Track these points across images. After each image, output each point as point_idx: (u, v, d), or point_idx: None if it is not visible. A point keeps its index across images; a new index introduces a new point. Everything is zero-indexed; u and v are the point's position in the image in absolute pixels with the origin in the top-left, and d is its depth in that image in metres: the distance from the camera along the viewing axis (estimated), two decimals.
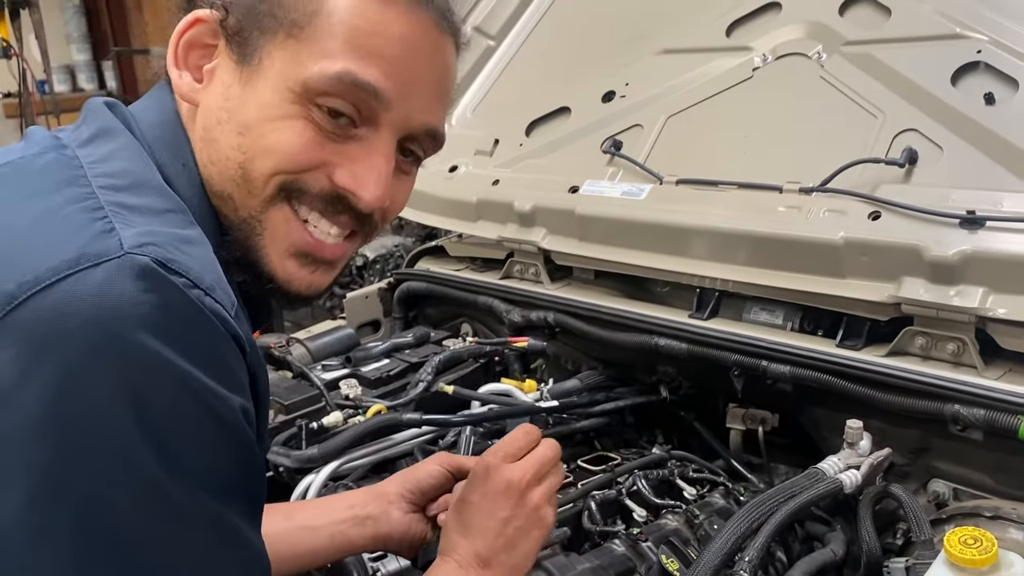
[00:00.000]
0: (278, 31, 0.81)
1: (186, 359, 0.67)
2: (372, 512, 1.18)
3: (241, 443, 0.73)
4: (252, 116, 0.81)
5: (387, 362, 1.89)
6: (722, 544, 1.12)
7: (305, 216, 0.85)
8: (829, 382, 1.44)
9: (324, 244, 0.87)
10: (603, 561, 1.36)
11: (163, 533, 0.67)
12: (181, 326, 0.67)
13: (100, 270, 0.65)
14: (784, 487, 1.25)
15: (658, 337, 1.66)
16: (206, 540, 0.70)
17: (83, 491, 0.64)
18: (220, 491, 0.70)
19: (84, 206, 0.71)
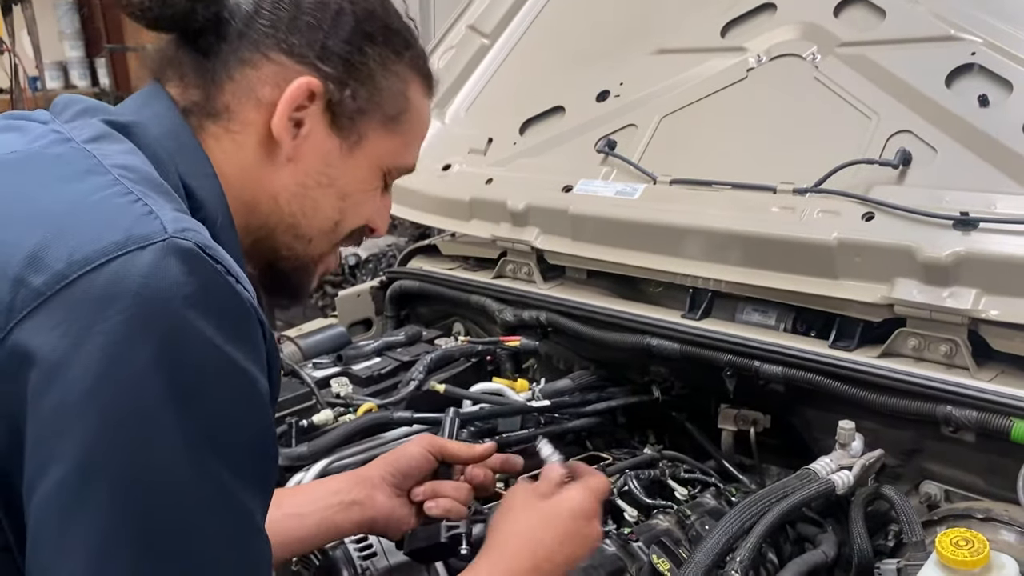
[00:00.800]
0: (374, 116, 0.93)
1: (226, 339, 0.70)
2: (357, 497, 1.19)
3: (268, 427, 0.77)
4: (352, 187, 0.95)
5: (378, 360, 1.88)
6: (713, 544, 1.12)
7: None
8: (821, 383, 1.44)
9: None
10: (594, 561, 1.35)
11: (186, 507, 0.69)
12: (222, 308, 0.71)
13: (148, 252, 0.69)
14: (775, 488, 1.24)
15: (650, 337, 1.65)
16: (224, 518, 0.72)
17: (120, 465, 0.66)
18: (243, 473, 0.72)
19: (115, 191, 0.74)
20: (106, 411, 0.66)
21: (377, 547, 1.26)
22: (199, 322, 0.68)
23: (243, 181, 0.90)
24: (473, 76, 2.27)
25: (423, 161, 1.04)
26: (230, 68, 0.89)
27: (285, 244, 0.94)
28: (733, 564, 1.11)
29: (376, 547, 1.26)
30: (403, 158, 0.99)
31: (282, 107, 0.88)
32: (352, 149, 0.93)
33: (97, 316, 0.66)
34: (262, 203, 0.92)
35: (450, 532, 1.16)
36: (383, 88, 0.93)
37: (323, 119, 0.91)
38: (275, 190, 0.91)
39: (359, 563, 1.24)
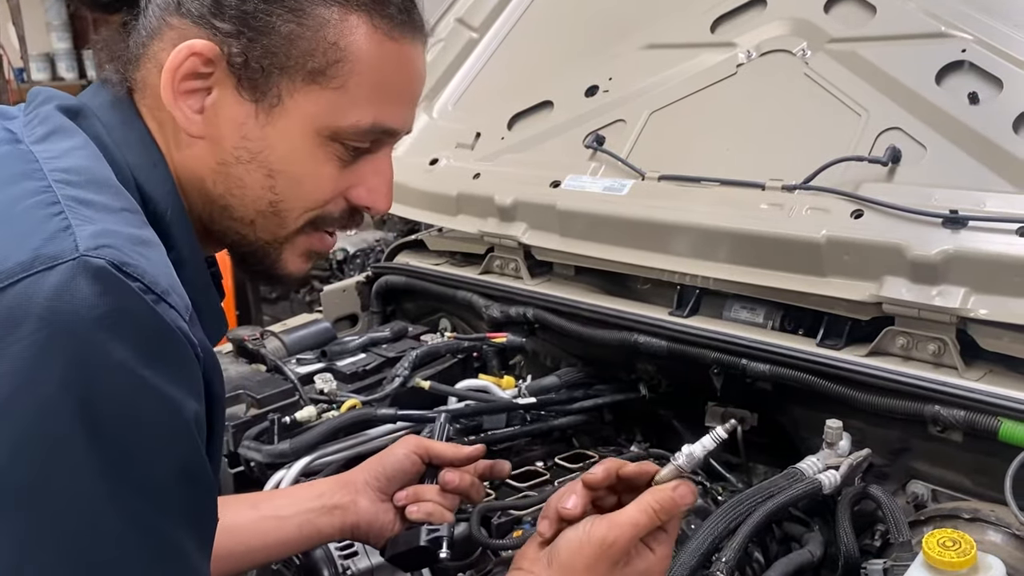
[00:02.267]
0: (296, 73, 0.82)
1: (141, 362, 0.66)
2: (339, 501, 1.16)
3: (195, 454, 0.71)
4: (281, 158, 0.83)
5: (363, 357, 1.86)
6: (699, 544, 1.11)
7: (327, 230, 0.93)
8: (809, 381, 1.43)
9: (331, 243, 0.94)
10: None
11: (103, 545, 0.65)
12: (136, 329, 0.67)
13: (55, 272, 0.65)
14: (762, 487, 1.23)
15: (638, 334, 1.64)
16: (141, 555, 0.67)
17: (31, 494, 0.63)
18: (167, 505, 0.68)
19: (40, 200, 0.70)
20: (14, 436, 0.63)
21: (359, 546, 1.24)
22: (110, 344, 0.65)
23: (173, 161, 0.84)
24: (461, 70, 2.25)
25: (410, 155, 1.00)
26: (141, 41, 0.84)
27: (230, 228, 0.87)
28: (719, 564, 1.10)
29: (357, 546, 1.24)
30: (350, 116, 0.83)
31: (165, 77, 0.80)
32: (270, 115, 0.82)
33: (3, 339, 0.63)
34: (193, 186, 0.85)
35: (430, 536, 1.13)
36: (297, 37, 0.80)
37: (229, 85, 0.81)
38: (197, 170, 0.84)
39: (340, 563, 1.22)
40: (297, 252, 0.90)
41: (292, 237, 0.88)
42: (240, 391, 1.65)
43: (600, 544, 0.88)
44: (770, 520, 1.20)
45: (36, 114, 0.81)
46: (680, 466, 0.97)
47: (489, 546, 1.31)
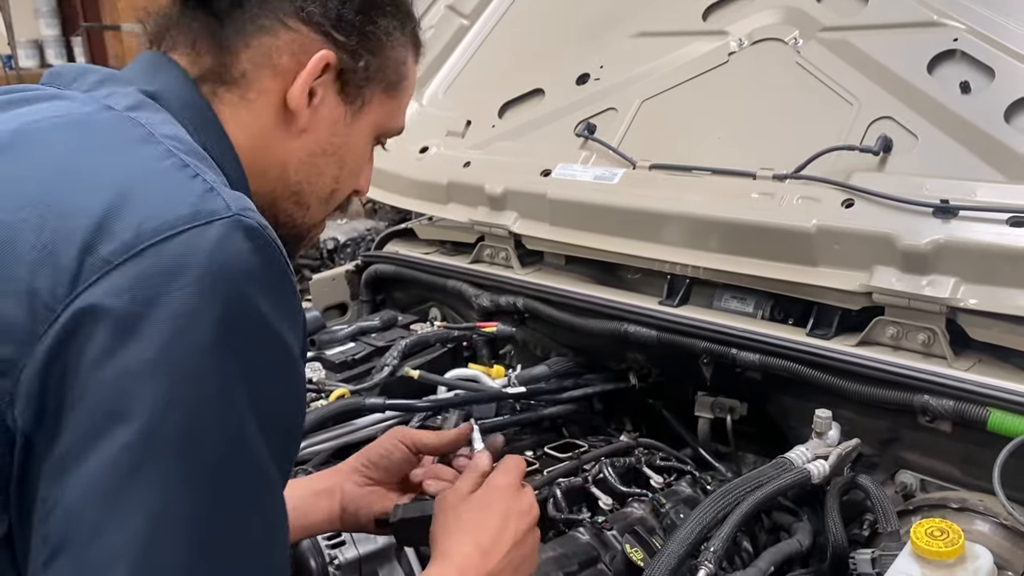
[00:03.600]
0: (378, 85, 0.94)
1: (278, 317, 0.72)
2: (327, 486, 1.17)
3: (303, 406, 0.82)
4: (351, 155, 0.95)
5: (352, 346, 1.85)
6: (687, 534, 1.10)
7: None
8: (798, 371, 1.43)
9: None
10: (567, 549, 1.33)
11: (241, 480, 0.70)
12: (277, 286, 0.73)
13: (215, 227, 0.70)
14: (751, 477, 1.23)
15: (628, 324, 1.63)
16: (261, 492, 0.73)
17: (182, 434, 0.67)
18: (275, 449, 0.73)
19: (173, 163, 0.75)
20: (174, 378, 0.66)
21: (346, 536, 1.24)
22: (258, 298, 0.70)
23: (255, 150, 0.89)
24: (452, 57, 2.23)
25: (400, 143, 1.03)
26: (247, 34, 0.87)
27: (285, 212, 0.94)
28: (707, 554, 1.09)
29: (345, 536, 1.24)
30: (396, 121, 1.00)
31: (303, 79, 0.88)
32: (356, 116, 0.93)
33: (166, 286, 0.67)
34: (271, 171, 0.91)
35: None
36: (390, 58, 0.94)
37: (333, 88, 0.91)
38: (285, 159, 0.91)
39: (327, 552, 1.22)
40: (314, 237, 1.00)
41: (322, 223, 0.99)
42: None
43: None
44: (759, 510, 1.20)
45: (112, 89, 0.84)
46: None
47: None
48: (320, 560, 1.21)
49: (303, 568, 1.20)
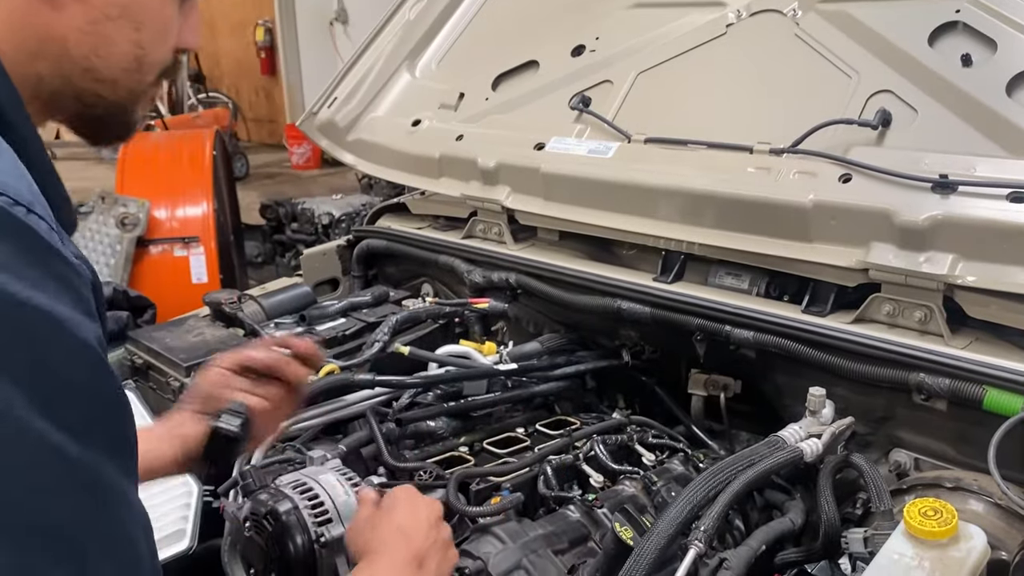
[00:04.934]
0: None
1: (23, 283, 0.58)
2: (168, 429, 1.15)
3: (99, 372, 0.64)
4: (149, 14, 0.80)
5: (343, 321, 1.83)
6: (677, 513, 1.09)
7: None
8: (793, 348, 1.41)
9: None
10: (556, 527, 1.32)
11: (21, 478, 0.57)
12: (36, 263, 0.60)
13: None
14: (743, 455, 1.21)
15: (621, 300, 1.61)
16: (72, 494, 0.59)
17: None
18: (83, 432, 0.60)
19: None
20: None
21: (332, 514, 1.22)
22: (6, 283, 0.57)
23: (22, 28, 0.76)
24: (445, 28, 2.19)
25: (392, 116, 0.97)
26: None
27: (87, 91, 0.81)
28: (697, 533, 1.08)
29: (332, 513, 1.22)
30: None
31: None
32: None
33: None
34: (48, 51, 0.78)
35: (221, 419, 1.11)
36: None
37: None
38: (61, 33, 0.77)
39: (314, 529, 1.20)
40: (144, 107, 0.86)
41: (147, 91, 0.84)
42: (215, 355, 1.61)
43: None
44: (751, 489, 1.19)
45: None
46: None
47: (466, 514, 1.29)
48: (306, 538, 1.19)
49: (288, 545, 1.18)
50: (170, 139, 4.84)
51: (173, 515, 1.51)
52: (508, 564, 1.22)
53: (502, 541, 1.25)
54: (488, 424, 1.61)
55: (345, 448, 1.45)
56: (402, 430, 1.54)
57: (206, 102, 8.29)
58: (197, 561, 1.45)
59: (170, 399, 1.63)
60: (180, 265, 3.87)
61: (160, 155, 4.24)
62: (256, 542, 1.22)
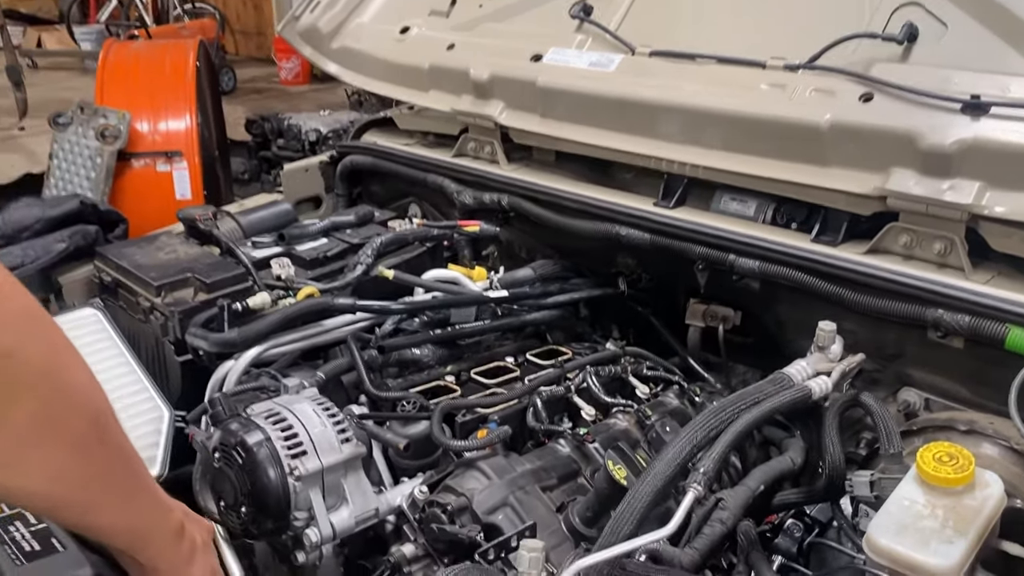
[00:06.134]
0: None
1: None
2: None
3: None
4: None
5: (325, 242, 1.73)
6: (676, 453, 1.01)
7: None
8: (801, 279, 1.33)
9: None
10: (545, 462, 1.26)
11: None
12: None
13: None
14: (747, 393, 1.14)
15: (620, 226, 1.52)
16: None
17: None
18: None
19: None
20: None
21: (307, 445, 1.15)
22: None
23: None
24: None
25: (378, 22, 0.87)
26: None
27: None
28: (696, 475, 1.01)
29: (306, 445, 1.15)
30: None
31: None
32: None
33: None
34: None
35: None
36: None
37: None
38: None
39: (288, 462, 1.13)
40: None
41: None
42: (188, 274, 1.53)
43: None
44: (753, 429, 1.11)
45: None
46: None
47: (450, 447, 1.22)
48: (278, 471, 1.12)
49: (260, 478, 1.11)
50: (152, 48, 4.63)
51: (144, 440, 1.44)
52: (493, 501, 1.16)
53: (488, 477, 1.18)
54: (476, 353, 1.54)
55: (324, 376, 1.38)
56: (385, 358, 1.47)
57: (192, 12, 7.98)
58: (168, 489, 1.39)
59: (140, 319, 1.55)
60: (163, 181, 3.73)
61: (141, 65, 4.05)
62: (226, 474, 1.15)
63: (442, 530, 1.12)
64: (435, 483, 1.22)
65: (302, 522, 1.14)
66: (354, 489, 1.18)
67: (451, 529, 1.12)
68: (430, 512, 1.15)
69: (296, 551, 1.16)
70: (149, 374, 1.46)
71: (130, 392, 1.46)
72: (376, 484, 1.33)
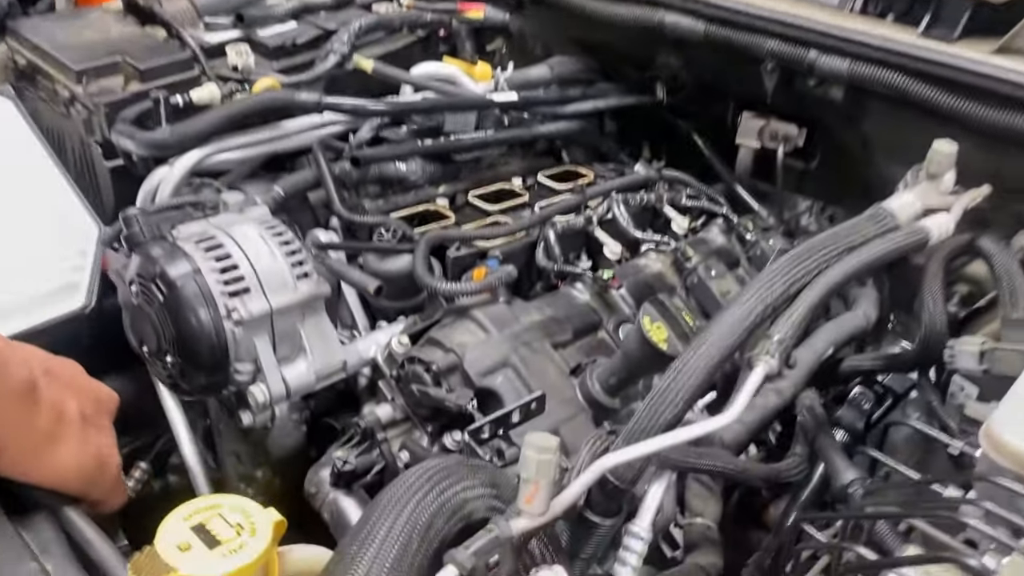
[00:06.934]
0: None
1: None
2: None
3: None
4: None
5: (294, 26, 1.44)
6: (743, 313, 0.74)
7: None
8: (904, 86, 1.07)
9: None
10: (557, 311, 1.02)
11: None
12: None
13: None
14: (839, 233, 0.85)
15: (666, 12, 1.25)
16: None
17: None
18: None
19: None
20: None
21: (251, 280, 0.88)
22: None
23: None
24: None
25: None
26: None
27: None
28: (768, 344, 0.74)
29: (249, 280, 0.88)
30: None
31: None
32: None
33: None
34: None
35: None
36: None
37: None
38: None
39: (223, 301, 0.87)
40: None
41: None
42: (118, 58, 1.23)
43: None
44: (848, 283, 0.83)
45: None
46: None
47: (438, 290, 0.96)
48: (211, 313, 0.86)
49: (187, 320, 0.86)
50: None
51: (67, 263, 1.19)
52: (491, 360, 0.92)
53: (484, 329, 0.94)
54: (475, 172, 1.32)
55: (282, 192, 1.12)
56: (361, 173, 1.22)
57: None
58: (97, 322, 1.14)
59: (62, 114, 1.26)
60: None
61: None
62: (146, 314, 0.90)
63: (424, 394, 0.89)
64: (418, 333, 0.97)
65: (246, 376, 0.90)
66: (314, 337, 0.93)
67: (435, 394, 0.88)
68: (410, 370, 0.91)
69: (241, 411, 0.93)
70: (74, 182, 1.20)
71: (50, 204, 1.21)
72: (348, 328, 1.09)
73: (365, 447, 0.93)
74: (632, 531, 0.80)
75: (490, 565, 0.58)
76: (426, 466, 0.64)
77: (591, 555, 0.82)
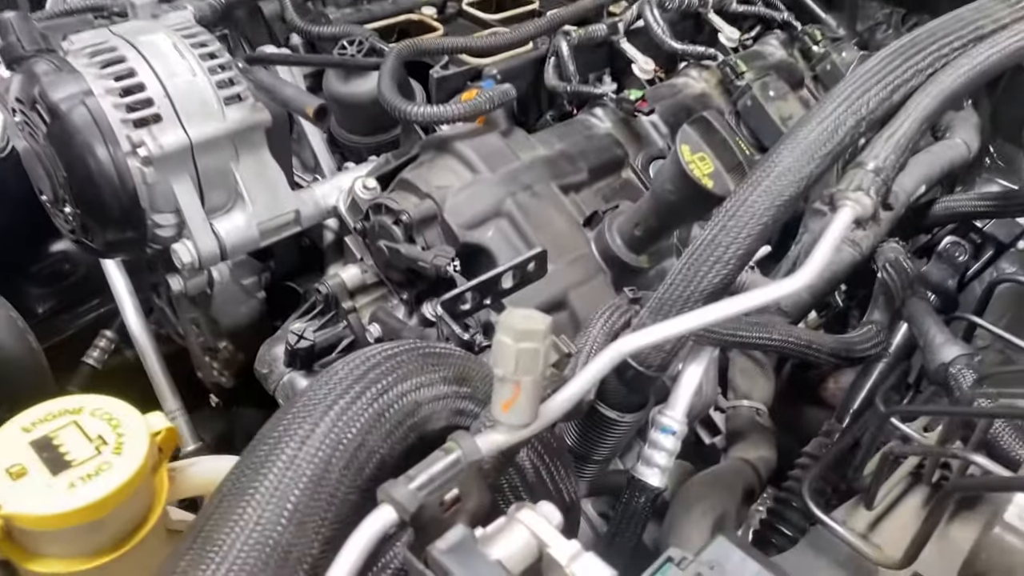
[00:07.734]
0: None
1: None
2: None
3: None
4: None
5: None
6: (825, 131, 0.51)
7: None
8: None
9: None
10: (569, 145, 0.79)
11: None
12: None
13: None
14: (963, 16, 0.59)
15: None
16: None
17: None
18: None
19: None
20: None
21: (161, 106, 0.67)
22: None
23: None
24: None
25: None
26: None
27: None
28: (860, 176, 0.51)
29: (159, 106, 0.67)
30: None
31: None
32: None
33: None
34: None
35: None
36: None
37: None
38: None
39: (125, 132, 0.65)
40: None
41: None
42: None
43: None
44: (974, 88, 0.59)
45: None
46: None
47: (409, 116, 0.73)
48: (113, 149, 0.65)
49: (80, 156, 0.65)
50: None
51: None
52: (479, 208, 0.70)
53: (472, 168, 0.72)
54: None
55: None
56: None
57: None
58: None
59: None
60: None
61: None
62: (33, 151, 0.69)
63: (394, 252, 0.68)
64: (389, 175, 0.75)
65: (169, 231, 0.70)
66: (254, 181, 0.72)
67: (407, 252, 0.67)
68: (376, 222, 0.70)
69: (167, 275, 0.73)
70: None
71: None
72: (311, 172, 0.88)
73: (328, 319, 0.74)
74: (662, 423, 0.61)
75: (447, 502, 0.39)
76: (366, 354, 0.45)
77: (605, 458, 0.64)
